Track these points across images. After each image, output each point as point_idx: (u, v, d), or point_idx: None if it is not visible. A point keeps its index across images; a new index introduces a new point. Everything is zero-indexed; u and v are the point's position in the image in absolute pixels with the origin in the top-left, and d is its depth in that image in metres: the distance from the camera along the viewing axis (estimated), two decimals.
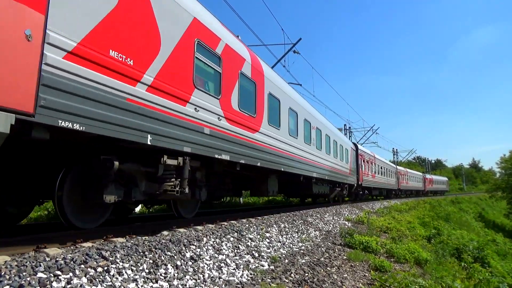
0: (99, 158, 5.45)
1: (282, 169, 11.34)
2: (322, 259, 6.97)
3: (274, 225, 8.65)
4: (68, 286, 3.28)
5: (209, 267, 4.92)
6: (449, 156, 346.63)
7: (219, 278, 4.73)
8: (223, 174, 9.40)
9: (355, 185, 24.46)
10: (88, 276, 3.55)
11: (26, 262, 3.48)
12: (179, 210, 8.30)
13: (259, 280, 4.95)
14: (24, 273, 3.23)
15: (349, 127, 43.89)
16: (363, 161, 26.93)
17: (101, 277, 3.62)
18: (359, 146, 27.45)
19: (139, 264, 4.18)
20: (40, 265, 3.44)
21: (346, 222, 13.57)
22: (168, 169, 6.52)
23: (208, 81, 7.65)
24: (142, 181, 6.30)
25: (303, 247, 7.69)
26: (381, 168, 34.25)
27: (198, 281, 4.41)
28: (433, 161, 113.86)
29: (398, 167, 34.66)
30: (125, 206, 8.52)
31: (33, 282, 3.12)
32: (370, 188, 30.17)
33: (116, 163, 5.45)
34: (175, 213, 8.28)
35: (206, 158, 7.51)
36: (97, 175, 5.54)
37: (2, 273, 3.15)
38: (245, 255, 5.91)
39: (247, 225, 7.79)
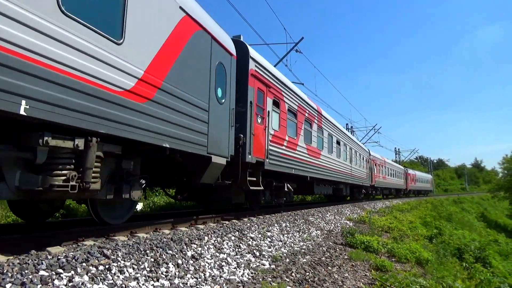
0: None
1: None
2: (323, 258, 6.97)
3: (276, 224, 8.67)
4: (70, 284, 3.30)
5: (210, 266, 4.94)
6: (451, 156, 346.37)
7: (220, 277, 4.74)
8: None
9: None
10: (89, 274, 3.57)
11: (28, 260, 3.50)
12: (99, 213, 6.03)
13: (260, 279, 4.96)
14: (26, 271, 3.26)
15: (351, 126, 43.85)
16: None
17: (102, 275, 3.65)
18: (371, 152, 31.03)
19: (140, 262, 4.20)
20: (42, 263, 3.46)
21: (348, 222, 13.57)
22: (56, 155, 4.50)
23: None
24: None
25: (304, 247, 7.70)
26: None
27: (199, 279, 4.43)
28: (435, 161, 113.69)
29: (371, 152, 30.85)
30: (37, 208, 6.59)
31: (35, 280, 3.15)
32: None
33: None
34: (94, 217, 6.07)
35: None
36: None
37: (5, 271, 3.17)
38: (246, 254, 5.93)
39: (248, 224, 7.80)
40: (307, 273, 5.69)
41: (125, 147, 5.59)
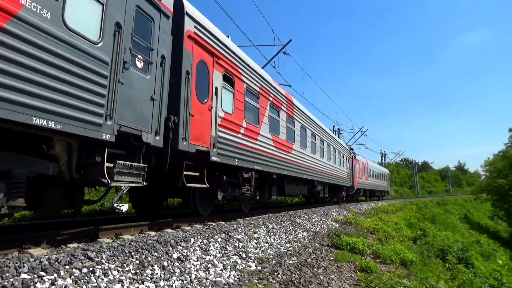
0: None
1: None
2: (309, 260, 7.01)
3: (262, 226, 8.67)
4: (53, 287, 3.25)
5: (196, 268, 4.92)
6: (435, 158, 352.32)
7: (206, 279, 4.73)
8: None
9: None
10: (73, 277, 3.51)
11: (9, 263, 3.43)
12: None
13: (246, 281, 4.96)
14: (7, 274, 3.19)
15: (338, 129, 44.18)
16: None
17: (86, 278, 3.60)
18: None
19: (125, 264, 4.16)
20: (24, 266, 3.39)
21: (334, 223, 13.67)
22: None
23: None
24: None
25: (290, 248, 7.73)
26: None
27: (184, 282, 4.40)
28: (420, 163, 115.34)
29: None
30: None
31: (16, 283, 3.08)
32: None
33: None
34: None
35: None
36: None
37: None
38: (232, 256, 5.92)
39: (235, 226, 7.79)
40: (293, 275, 5.71)
41: None
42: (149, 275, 4.19)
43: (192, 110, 7.30)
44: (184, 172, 7.23)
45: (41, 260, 3.62)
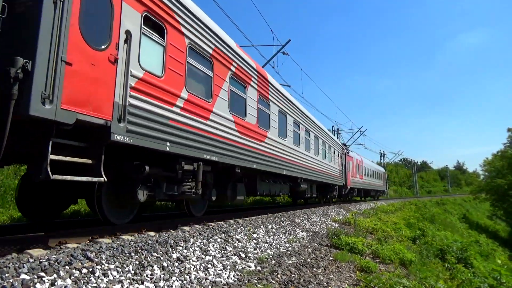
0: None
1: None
2: (309, 260, 7.02)
3: (262, 226, 8.68)
4: (52, 287, 3.25)
5: (195, 268, 4.92)
6: (435, 158, 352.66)
7: (206, 279, 4.73)
8: None
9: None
10: (72, 277, 3.52)
11: (9, 264, 3.43)
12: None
13: (246, 281, 4.97)
14: (6, 275, 3.19)
15: (337, 129, 44.22)
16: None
17: (86, 278, 3.60)
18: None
19: (125, 265, 4.16)
20: (24, 266, 3.39)
21: (333, 223, 13.68)
22: None
23: None
24: None
25: (290, 248, 7.74)
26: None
27: (184, 282, 4.41)
28: (419, 163, 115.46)
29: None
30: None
31: (16, 284, 3.08)
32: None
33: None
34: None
35: None
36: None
37: None
38: (232, 256, 5.92)
39: (234, 226, 7.80)
40: (293, 275, 5.72)
41: None
42: (149, 276, 4.20)
43: (71, 55, 4.66)
44: (51, 157, 4.50)
45: (41, 260, 3.62)
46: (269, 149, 11.52)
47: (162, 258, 4.77)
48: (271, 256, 6.65)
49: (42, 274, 3.37)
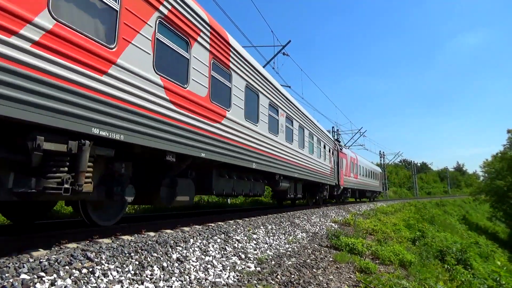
0: None
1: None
2: (308, 260, 7.02)
3: (261, 227, 8.68)
4: (52, 287, 3.25)
5: (195, 269, 4.92)
6: (434, 159, 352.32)
7: (206, 279, 4.73)
8: None
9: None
10: (72, 277, 3.52)
11: (9, 263, 3.43)
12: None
13: (246, 282, 4.97)
14: (6, 274, 3.19)
15: (337, 130, 44.26)
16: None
17: (86, 278, 3.60)
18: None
19: (124, 265, 4.16)
20: (24, 266, 3.40)
21: (333, 224, 13.68)
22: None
23: None
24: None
25: (289, 249, 7.74)
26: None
27: (184, 282, 4.41)
28: (419, 164, 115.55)
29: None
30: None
31: (16, 284, 3.08)
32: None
33: None
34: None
35: None
36: None
37: None
38: (232, 257, 5.93)
39: (234, 227, 7.80)
40: (293, 276, 5.72)
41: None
42: (149, 276, 4.20)
43: None
44: None
45: (41, 260, 3.62)
46: (230, 134, 8.67)
47: (162, 258, 4.77)
48: (270, 257, 6.65)
49: (42, 274, 3.38)
